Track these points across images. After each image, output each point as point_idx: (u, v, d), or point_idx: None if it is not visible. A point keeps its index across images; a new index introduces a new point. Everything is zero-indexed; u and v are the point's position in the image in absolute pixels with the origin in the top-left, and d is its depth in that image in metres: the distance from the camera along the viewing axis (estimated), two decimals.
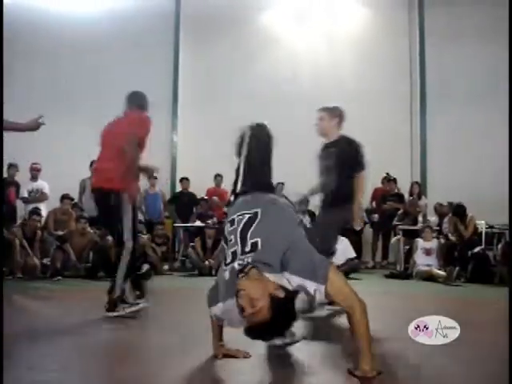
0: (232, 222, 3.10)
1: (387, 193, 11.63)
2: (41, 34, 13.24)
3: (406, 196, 11.55)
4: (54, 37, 13.36)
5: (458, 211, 9.82)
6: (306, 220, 10.89)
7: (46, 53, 13.39)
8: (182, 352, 3.47)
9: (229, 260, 2.96)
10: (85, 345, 3.78)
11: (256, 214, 3.05)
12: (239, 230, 3.00)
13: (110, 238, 9.31)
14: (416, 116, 13.21)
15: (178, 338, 3.90)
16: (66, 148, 12.64)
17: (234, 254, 2.94)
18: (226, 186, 12.25)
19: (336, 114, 5.52)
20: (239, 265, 2.84)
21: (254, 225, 2.98)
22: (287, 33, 13.78)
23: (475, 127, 12.43)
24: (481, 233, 10.37)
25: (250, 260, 2.81)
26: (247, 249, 2.90)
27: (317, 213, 11.95)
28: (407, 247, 10.18)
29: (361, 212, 5.19)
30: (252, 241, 2.91)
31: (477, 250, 9.37)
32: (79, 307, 5.52)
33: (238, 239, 2.96)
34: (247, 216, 3.05)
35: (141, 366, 3.13)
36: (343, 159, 5.41)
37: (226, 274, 2.93)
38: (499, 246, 9.84)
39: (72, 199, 10.39)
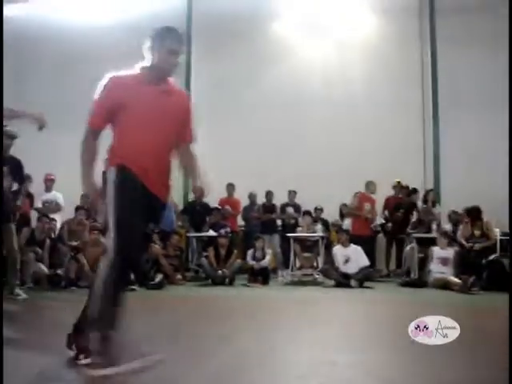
0: None
1: (400, 201, 11.58)
2: (50, 44, 13.38)
3: (419, 204, 11.49)
4: (65, 46, 13.51)
5: (472, 213, 9.77)
6: (318, 228, 10.95)
7: (54, 63, 13.53)
8: (186, 364, 3.45)
9: None
10: None
11: None
12: None
13: None
14: (429, 124, 13.15)
15: (183, 348, 3.88)
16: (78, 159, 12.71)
17: None
18: (238, 195, 12.27)
19: None
20: None
21: None
22: (299, 41, 13.81)
23: (488, 134, 12.34)
24: (495, 240, 10.27)
25: None
26: None
27: (330, 221, 12.04)
28: (421, 255, 10.11)
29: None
30: None
31: (492, 257, 9.30)
32: None
33: None
34: None
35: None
36: None
37: None
38: None
39: (86, 210, 10.43)
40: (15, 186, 6.90)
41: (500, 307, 6.66)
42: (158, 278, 9.16)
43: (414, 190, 11.65)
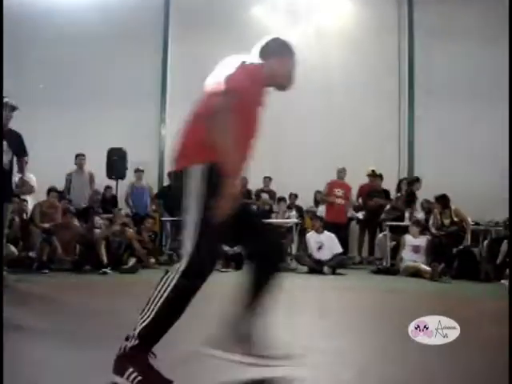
0: None
1: (373, 189, 11.65)
2: (26, 25, 13.09)
3: (393, 192, 11.59)
4: (40, 28, 13.27)
5: (440, 201, 9.89)
6: (293, 215, 10.96)
7: (34, 45, 13.27)
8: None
9: None
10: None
11: None
12: None
13: (97, 230, 9.33)
14: (404, 112, 13.25)
15: None
16: (53, 140, 12.56)
17: None
18: None
19: None
20: None
21: None
22: (277, 27, 13.74)
23: (463, 124, 12.50)
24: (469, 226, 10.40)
25: None
26: None
27: (305, 208, 12.05)
28: (394, 243, 10.22)
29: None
30: None
31: (462, 246, 9.44)
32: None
33: None
34: None
35: None
36: None
37: None
38: (485, 243, 9.91)
39: (59, 192, 10.32)
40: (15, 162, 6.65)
41: (471, 296, 6.79)
42: (132, 261, 9.13)
43: (417, 179, 11.57)
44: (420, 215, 10.87)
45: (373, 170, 11.76)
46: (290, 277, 9.00)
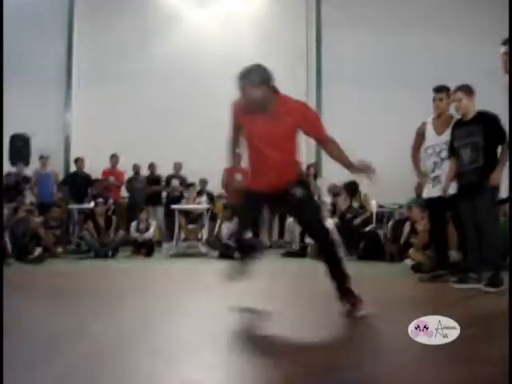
0: None
1: None
2: None
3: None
4: None
5: (349, 188, 10.17)
6: (203, 200, 10.82)
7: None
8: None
9: None
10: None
11: None
12: None
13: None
14: (312, 100, 13.45)
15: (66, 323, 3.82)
16: None
17: None
18: (122, 166, 12.04)
19: (471, 91, 5.56)
20: None
21: None
22: (187, 12, 13.65)
23: (370, 111, 12.86)
24: (372, 212, 10.76)
25: None
26: None
27: (216, 193, 12.00)
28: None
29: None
30: None
31: (368, 228, 9.76)
32: None
33: None
34: None
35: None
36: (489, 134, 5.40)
37: None
38: (389, 224, 10.27)
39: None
40: None
41: (371, 274, 7.05)
42: (37, 251, 8.85)
43: None
44: (327, 199, 11.11)
45: None
46: (201, 262, 9.06)
